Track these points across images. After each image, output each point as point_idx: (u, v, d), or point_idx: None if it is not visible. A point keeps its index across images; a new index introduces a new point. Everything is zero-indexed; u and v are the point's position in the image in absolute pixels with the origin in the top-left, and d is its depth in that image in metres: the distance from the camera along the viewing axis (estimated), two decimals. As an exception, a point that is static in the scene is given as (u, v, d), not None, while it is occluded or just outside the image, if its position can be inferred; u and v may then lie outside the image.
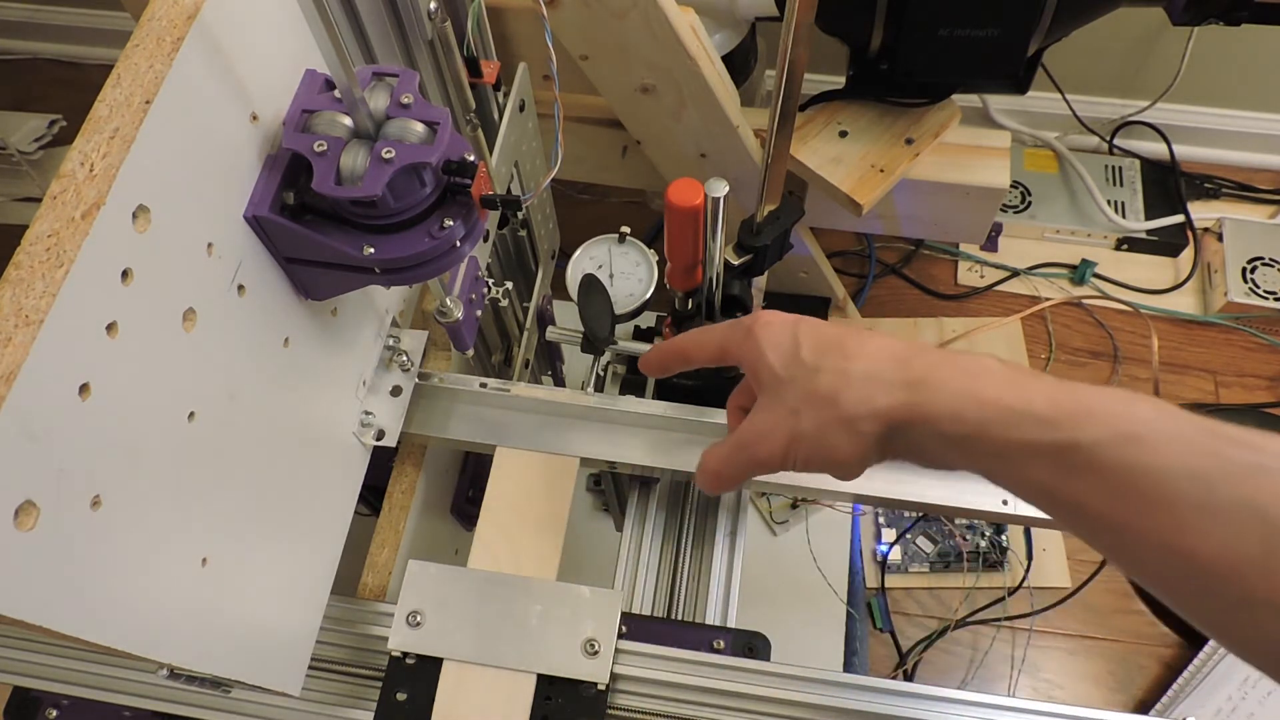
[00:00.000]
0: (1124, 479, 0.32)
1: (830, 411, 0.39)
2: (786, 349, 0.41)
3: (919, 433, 0.37)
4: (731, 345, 0.45)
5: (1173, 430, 0.32)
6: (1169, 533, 0.31)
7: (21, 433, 0.30)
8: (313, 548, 0.54)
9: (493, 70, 0.60)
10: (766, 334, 0.42)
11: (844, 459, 0.39)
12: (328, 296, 0.49)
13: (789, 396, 0.41)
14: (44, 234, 0.32)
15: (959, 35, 0.72)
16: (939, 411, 0.36)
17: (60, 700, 0.57)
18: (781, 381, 0.41)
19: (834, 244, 1.32)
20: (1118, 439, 0.32)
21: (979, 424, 0.35)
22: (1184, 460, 0.31)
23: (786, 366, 0.41)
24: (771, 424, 0.41)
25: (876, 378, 0.38)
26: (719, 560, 0.63)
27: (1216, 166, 1.39)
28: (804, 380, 0.40)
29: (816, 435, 0.39)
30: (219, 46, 0.38)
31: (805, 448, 0.40)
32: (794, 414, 0.40)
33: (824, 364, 0.40)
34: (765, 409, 0.42)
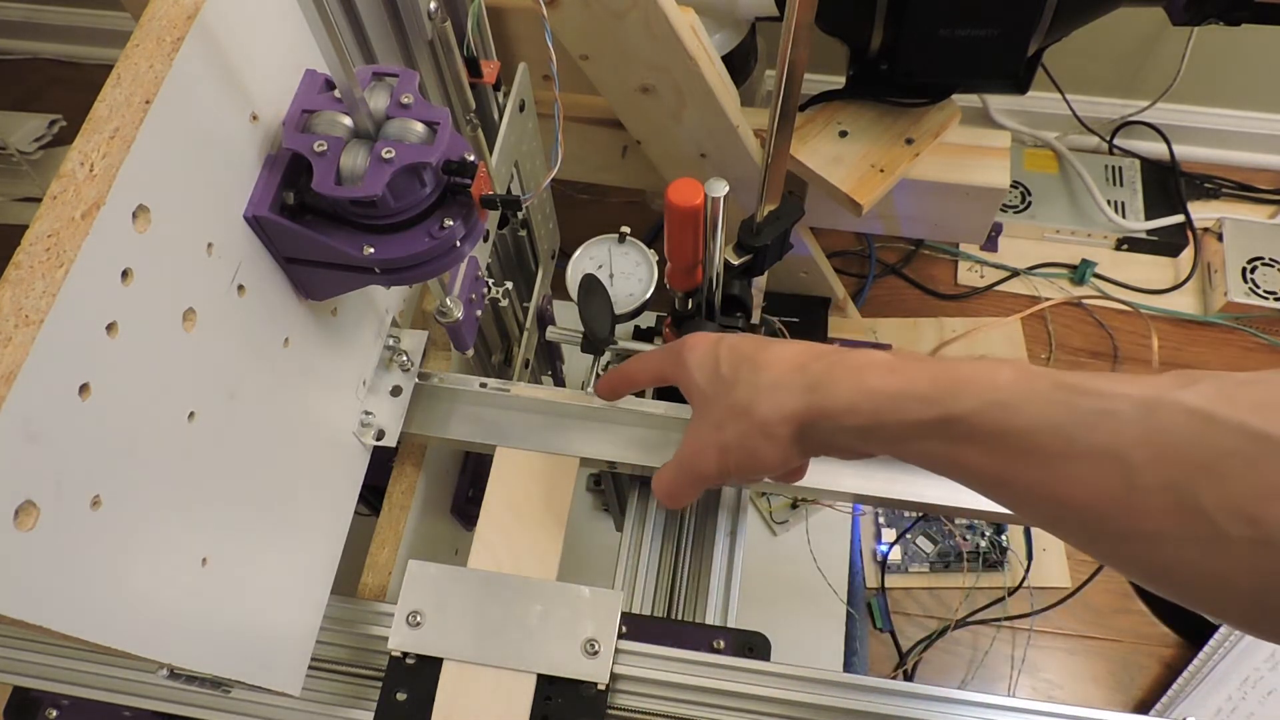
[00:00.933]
0: (997, 441, 0.35)
1: (747, 421, 0.42)
2: (708, 368, 0.45)
3: (825, 428, 0.40)
4: (666, 368, 0.49)
5: (1029, 390, 0.34)
6: (1044, 484, 0.34)
7: (21, 433, 0.30)
8: (313, 547, 0.54)
9: (493, 70, 0.60)
10: (692, 356, 0.46)
11: (769, 462, 0.42)
12: (328, 296, 0.49)
13: (713, 413, 0.44)
14: (44, 234, 0.32)
15: (959, 35, 0.72)
16: (836, 407, 0.39)
17: (60, 700, 0.57)
18: (707, 399, 0.45)
19: (834, 244, 1.32)
20: (986, 406, 0.35)
21: (872, 412, 0.38)
22: (1043, 416, 0.34)
23: (709, 384, 0.44)
24: (702, 440, 0.45)
25: (782, 385, 0.41)
26: (719, 560, 0.63)
27: (1216, 166, 1.39)
28: (724, 395, 0.43)
29: (740, 444, 0.43)
30: (219, 46, 0.38)
31: (734, 457, 0.43)
32: (718, 428, 0.43)
33: (739, 378, 0.43)
34: (696, 426, 0.46)
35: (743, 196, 0.74)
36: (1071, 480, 0.33)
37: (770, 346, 0.43)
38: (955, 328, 1.28)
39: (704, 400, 0.45)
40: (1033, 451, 0.34)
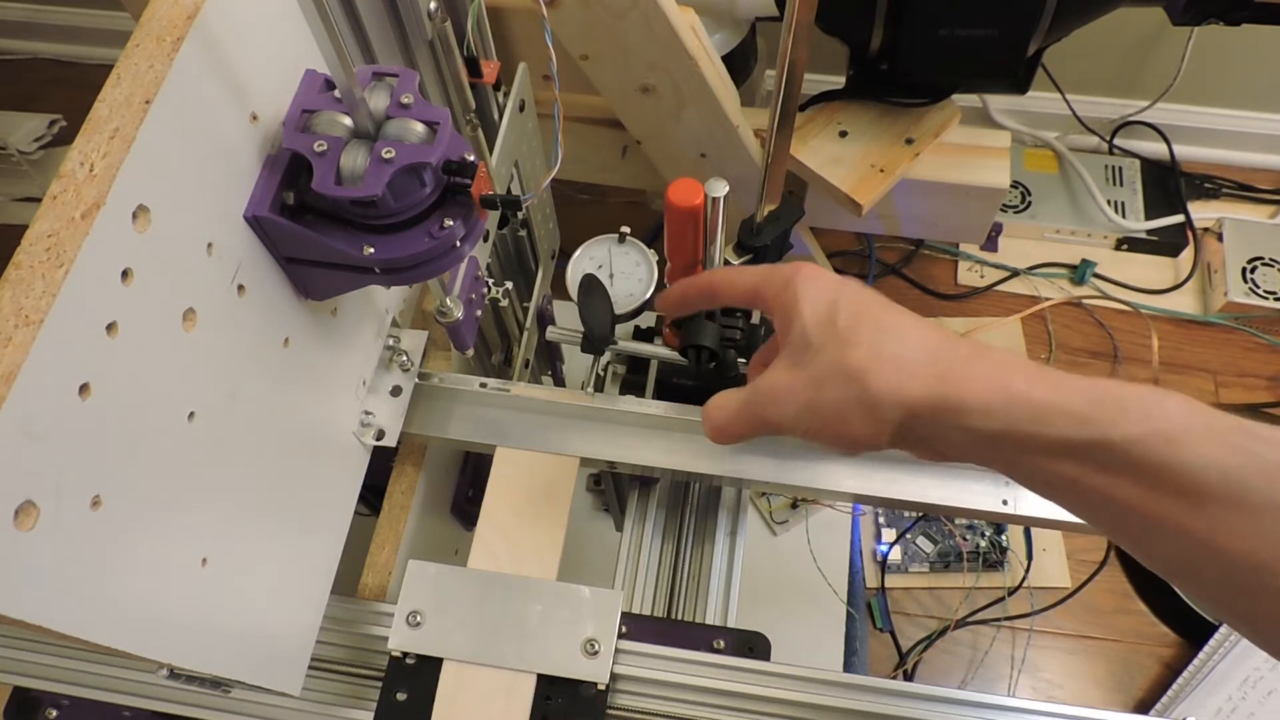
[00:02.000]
0: (1157, 475, 0.32)
1: (855, 389, 0.38)
2: (823, 312, 0.40)
3: (943, 423, 0.37)
4: (767, 291, 0.43)
5: (1204, 427, 0.32)
6: (1201, 530, 0.32)
7: (21, 433, 0.30)
8: (313, 548, 0.54)
9: (493, 70, 0.60)
10: (807, 291, 0.41)
11: (857, 439, 0.39)
12: (328, 296, 0.49)
13: (816, 364, 0.39)
14: (44, 234, 0.32)
15: (959, 35, 0.72)
16: (968, 404, 0.36)
17: (60, 700, 0.57)
18: (811, 345, 0.40)
19: (834, 244, 1.32)
20: (1150, 436, 0.32)
21: (1008, 419, 0.35)
22: (1217, 458, 0.31)
23: (820, 331, 0.39)
24: (790, 387, 0.40)
25: (908, 363, 0.37)
26: (719, 560, 0.63)
27: (1216, 166, 1.39)
28: (834, 350, 0.39)
29: (834, 410, 0.38)
30: (219, 46, 0.38)
31: (819, 420, 0.39)
32: (816, 383, 0.39)
33: (858, 338, 0.38)
34: (787, 370, 0.41)
35: (743, 196, 0.74)
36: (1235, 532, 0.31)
37: (899, 314, 0.39)
38: (955, 328, 1.28)
39: (805, 345, 0.40)
40: (1195, 493, 0.31)
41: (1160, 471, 0.32)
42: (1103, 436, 0.33)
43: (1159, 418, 0.33)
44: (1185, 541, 0.32)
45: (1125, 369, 1.25)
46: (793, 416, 0.40)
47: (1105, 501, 0.34)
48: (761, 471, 0.61)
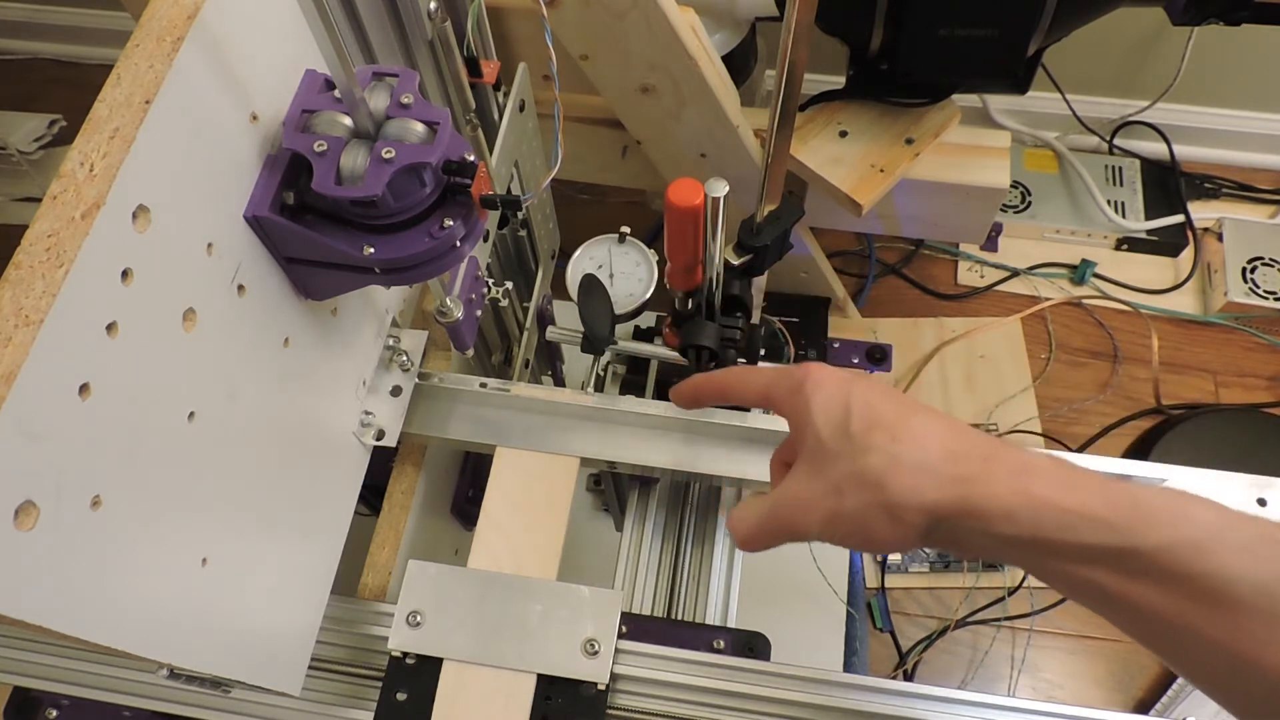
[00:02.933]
0: (1187, 585, 0.32)
1: (875, 495, 0.37)
2: (836, 418, 0.39)
3: (967, 528, 0.36)
4: (777, 396, 0.43)
5: (1233, 536, 0.32)
6: (1232, 641, 0.31)
7: (21, 433, 0.30)
8: (313, 548, 0.54)
9: (493, 70, 0.60)
10: (818, 396, 0.41)
11: (885, 543, 0.38)
12: (328, 296, 0.49)
13: (833, 472, 0.39)
14: (44, 234, 0.32)
15: (959, 35, 0.72)
16: (990, 510, 0.35)
17: (60, 700, 0.57)
18: (827, 453, 0.39)
19: (834, 244, 1.32)
20: (1178, 544, 0.32)
21: (1033, 524, 0.34)
22: (1249, 569, 0.31)
23: (834, 438, 0.39)
24: (812, 497, 0.40)
25: (926, 468, 0.37)
26: (719, 560, 0.63)
27: (1216, 166, 1.39)
28: (850, 457, 0.38)
29: (858, 517, 0.38)
30: (219, 46, 0.38)
31: (845, 526, 0.39)
32: (836, 491, 0.39)
33: (873, 443, 0.38)
34: (806, 478, 0.40)
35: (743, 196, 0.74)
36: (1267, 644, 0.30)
37: (912, 415, 0.39)
38: (955, 328, 1.28)
39: (821, 453, 0.40)
40: (1226, 603, 0.31)
41: (1189, 581, 0.32)
42: (1130, 544, 0.33)
43: (1186, 525, 0.32)
44: (1217, 652, 0.32)
45: (1125, 369, 1.25)
46: (819, 525, 0.40)
47: (1134, 609, 0.34)
48: (761, 471, 0.61)
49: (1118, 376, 1.25)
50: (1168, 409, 1.22)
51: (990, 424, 1.20)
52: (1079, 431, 1.21)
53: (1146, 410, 1.22)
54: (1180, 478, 0.59)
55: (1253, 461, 1.06)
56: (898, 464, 0.37)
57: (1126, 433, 1.21)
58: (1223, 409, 1.21)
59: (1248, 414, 1.19)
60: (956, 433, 0.38)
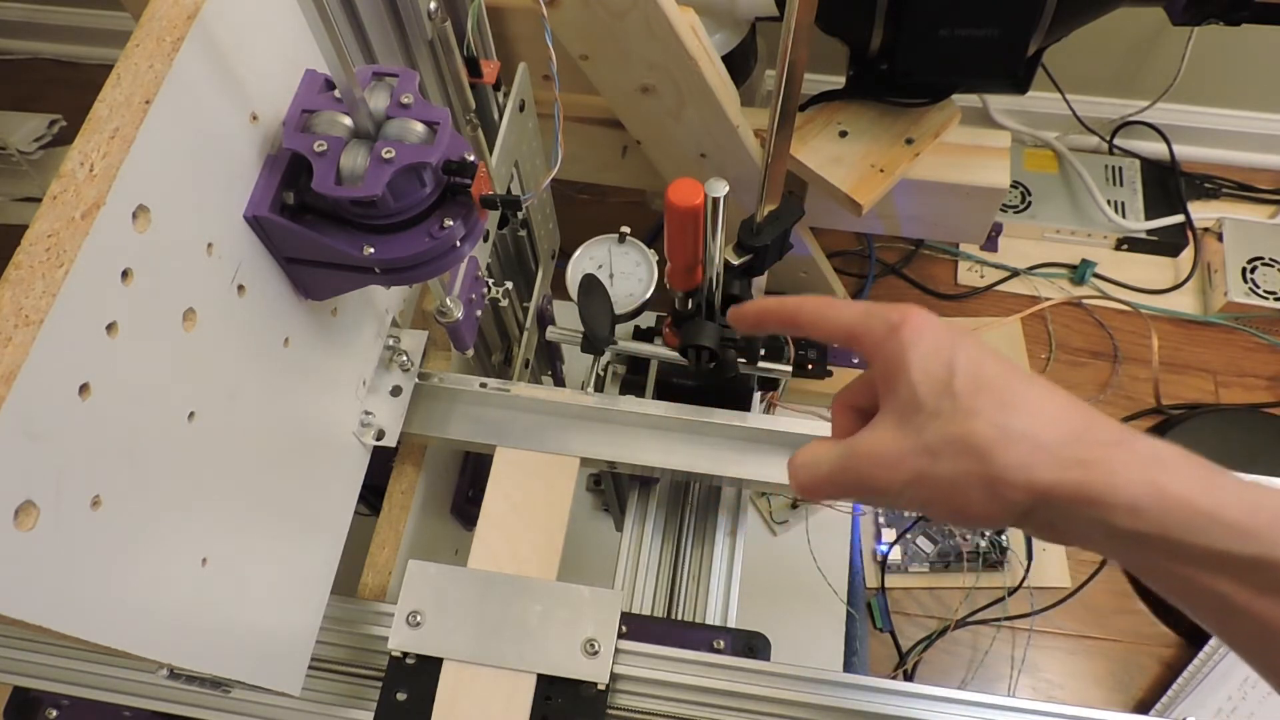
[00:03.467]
0: None
1: (977, 466, 0.34)
2: (937, 373, 0.36)
3: (1079, 515, 0.33)
4: (867, 337, 0.39)
5: None
6: None
7: (21, 433, 0.30)
8: (313, 548, 0.54)
9: (493, 70, 0.60)
10: (917, 344, 0.36)
11: (975, 516, 0.35)
12: (328, 296, 0.49)
13: (929, 432, 0.35)
14: (44, 234, 0.32)
15: (959, 35, 0.72)
16: (1113, 500, 0.32)
17: (60, 700, 0.57)
18: (923, 410, 0.36)
19: (834, 244, 1.32)
20: None
21: (1160, 522, 0.31)
22: None
23: (935, 395, 0.35)
24: (899, 453, 0.36)
25: (1041, 444, 0.33)
26: (719, 560, 0.63)
27: (1216, 166, 1.39)
28: (952, 419, 0.35)
29: (950, 485, 0.35)
30: (219, 46, 0.38)
31: (930, 492, 0.35)
32: (930, 453, 0.35)
33: (979, 407, 0.34)
34: (895, 432, 0.36)
35: (743, 196, 0.74)
36: None
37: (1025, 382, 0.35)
38: (955, 328, 1.28)
39: (915, 408, 0.36)
40: None
41: None
42: (1267, 555, 0.30)
43: None
44: None
45: (1125, 369, 1.25)
46: (900, 485, 0.36)
47: (1258, 626, 0.31)
48: (761, 471, 0.61)
49: (1118, 376, 1.25)
50: (1168, 409, 1.22)
51: (990, 424, 1.20)
52: (1079, 431, 1.21)
53: (1146, 410, 1.22)
54: (1180, 478, 0.59)
55: (1253, 461, 1.06)
56: (1008, 435, 0.34)
57: (1126, 433, 1.20)
58: (1223, 409, 1.21)
59: (1248, 414, 1.19)
60: (1077, 409, 0.35)
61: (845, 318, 0.40)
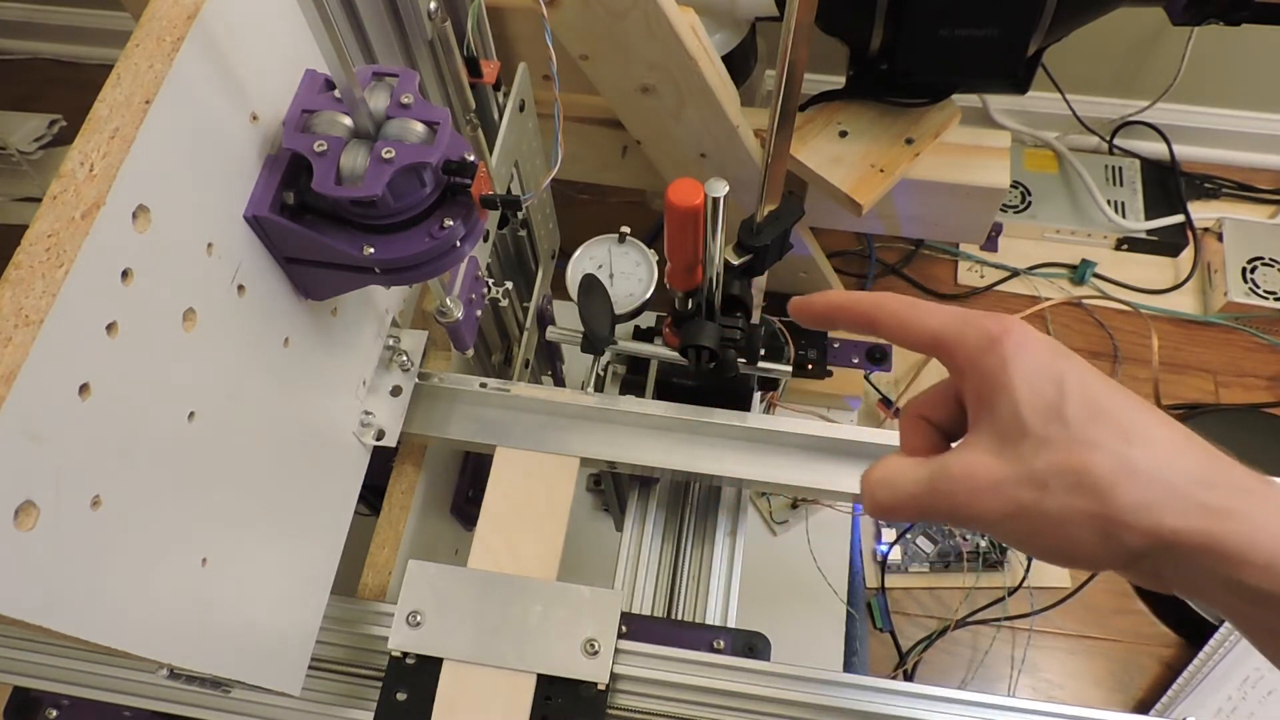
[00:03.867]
0: None
1: (1092, 503, 0.31)
2: (1046, 394, 0.32)
3: (1203, 566, 0.30)
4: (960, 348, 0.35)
5: None
6: None
7: (21, 433, 0.30)
8: (313, 547, 0.54)
9: (493, 70, 0.60)
10: (1021, 360, 0.33)
11: (1079, 558, 0.32)
12: (328, 296, 0.49)
13: (1038, 460, 0.32)
14: (44, 234, 0.32)
15: (959, 35, 0.72)
16: (1247, 555, 0.29)
17: (60, 700, 0.57)
18: (1029, 435, 0.32)
19: (834, 244, 1.32)
20: None
21: None
22: None
23: (1044, 419, 0.32)
24: (1000, 480, 0.33)
25: (1167, 485, 0.30)
26: (719, 560, 0.63)
27: (1216, 166, 1.39)
28: (1066, 449, 0.31)
29: (1057, 522, 0.31)
30: (219, 46, 0.38)
31: (1034, 526, 0.32)
32: (1037, 484, 0.32)
33: (1097, 437, 0.31)
34: (995, 457, 0.33)
35: (743, 196, 0.74)
36: None
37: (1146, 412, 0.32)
38: (955, 328, 1.28)
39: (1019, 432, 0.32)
40: None
41: None
42: None
43: None
44: None
45: (1125, 369, 1.25)
46: (999, 516, 0.33)
47: None
48: (761, 471, 0.61)
49: (1118, 376, 1.25)
50: (1168, 409, 1.22)
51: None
52: (1079, 431, 1.21)
53: (1146, 410, 1.22)
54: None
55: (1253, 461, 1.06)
56: (1131, 471, 0.30)
57: (1126, 433, 1.20)
58: (1223, 409, 1.21)
59: (1248, 414, 1.19)
60: (1203, 448, 0.32)
61: (934, 323, 0.36)
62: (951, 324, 0.36)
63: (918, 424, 0.39)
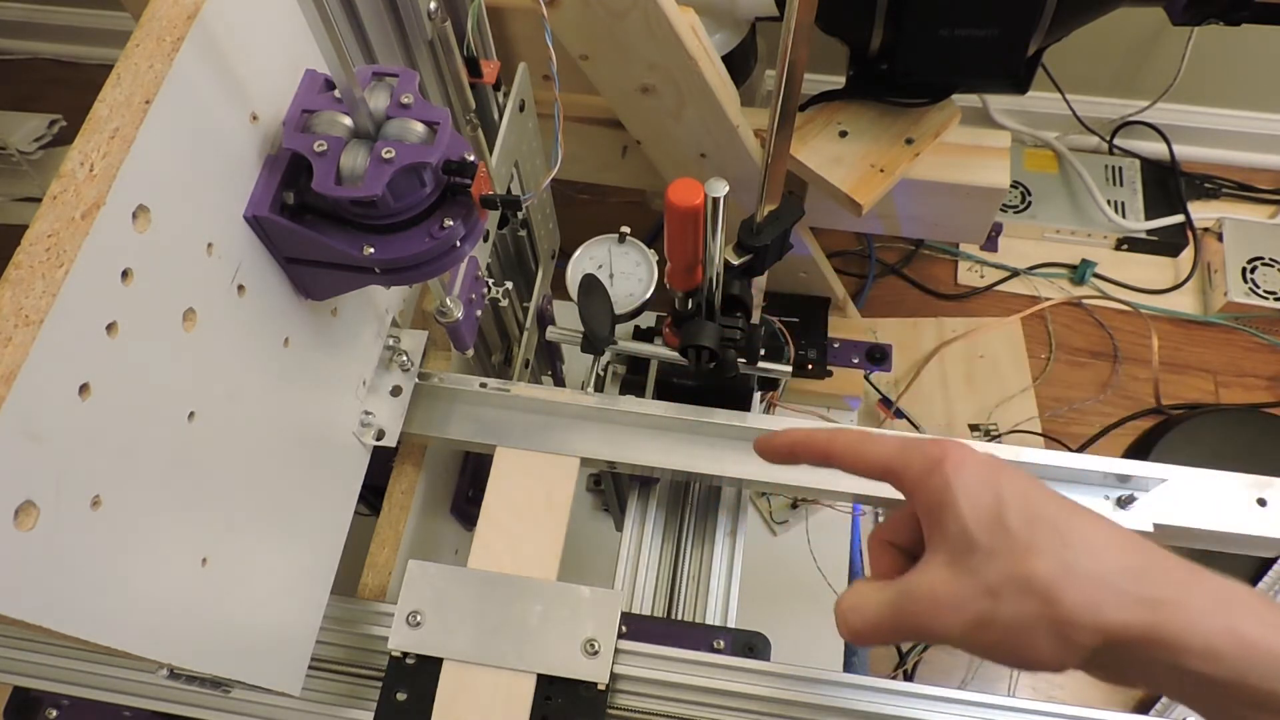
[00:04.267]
0: None
1: (1041, 607, 0.32)
2: (988, 509, 0.34)
3: (1149, 657, 0.32)
4: (906, 473, 0.38)
5: None
6: None
7: (21, 433, 0.30)
8: (313, 547, 0.54)
9: (493, 70, 0.60)
10: (962, 480, 0.35)
11: (1041, 662, 0.33)
12: (328, 296, 0.49)
13: (988, 571, 0.34)
14: (44, 234, 0.32)
15: (959, 35, 0.72)
16: (1188, 643, 0.31)
17: (60, 700, 0.57)
18: (977, 548, 0.34)
19: (834, 244, 1.32)
20: None
21: (1237, 668, 0.30)
22: None
23: (988, 531, 0.34)
24: (955, 596, 0.34)
25: (1106, 582, 0.32)
26: (719, 560, 0.63)
27: (1216, 166, 1.39)
28: (1010, 557, 0.33)
29: (1015, 628, 0.33)
30: (219, 46, 0.38)
31: (995, 635, 0.34)
32: (990, 595, 0.33)
33: (1038, 543, 0.33)
34: (947, 572, 0.35)
35: (743, 196, 0.74)
36: None
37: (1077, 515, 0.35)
38: (955, 328, 1.28)
39: (968, 546, 0.34)
40: None
41: None
42: None
43: None
44: None
45: (1125, 369, 1.25)
46: (960, 631, 0.34)
47: None
48: (761, 471, 0.61)
49: (1118, 376, 1.25)
50: (1168, 409, 1.22)
51: (990, 424, 1.20)
52: (1079, 431, 1.21)
53: (1146, 410, 1.22)
54: (1180, 478, 0.59)
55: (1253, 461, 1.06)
56: (1071, 572, 0.32)
57: (1126, 433, 1.21)
58: (1223, 409, 1.21)
59: (1248, 414, 1.19)
60: (1137, 544, 0.34)
61: (881, 454, 0.39)
62: (897, 452, 0.38)
63: (884, 549, 0.41)
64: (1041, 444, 1.19)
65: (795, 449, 0.43)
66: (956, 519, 0.35)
